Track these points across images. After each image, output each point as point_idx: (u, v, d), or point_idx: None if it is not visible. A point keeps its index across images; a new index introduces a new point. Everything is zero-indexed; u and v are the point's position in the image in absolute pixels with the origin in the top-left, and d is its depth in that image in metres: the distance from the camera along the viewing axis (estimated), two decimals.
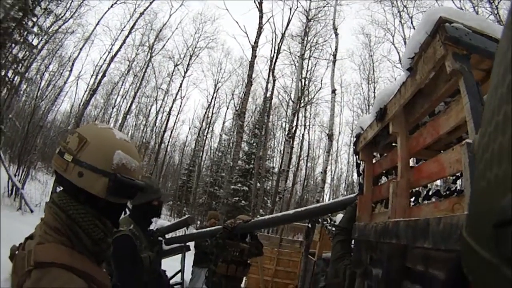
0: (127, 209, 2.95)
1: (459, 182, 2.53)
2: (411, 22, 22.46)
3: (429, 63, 1.78)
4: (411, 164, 2.57)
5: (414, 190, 2.58)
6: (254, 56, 17.09)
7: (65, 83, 26.03)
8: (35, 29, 17.73)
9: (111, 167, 1.17)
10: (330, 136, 14.50)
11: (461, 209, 1.58)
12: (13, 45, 16.32)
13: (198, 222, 25.25)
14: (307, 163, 33.45)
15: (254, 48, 17.23)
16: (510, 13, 0.32)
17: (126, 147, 1.23)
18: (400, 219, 1.99)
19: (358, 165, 3.34)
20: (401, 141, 2.30)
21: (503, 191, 0.28)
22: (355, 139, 3.29)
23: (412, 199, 2.68)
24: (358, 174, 3.33)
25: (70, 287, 1.02)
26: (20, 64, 17.86)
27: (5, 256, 1.27)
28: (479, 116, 1.52)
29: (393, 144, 2.90)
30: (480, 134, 0.34)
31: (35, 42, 19.11)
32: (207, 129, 35.37)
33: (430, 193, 2.77)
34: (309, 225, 8.48)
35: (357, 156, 3.33)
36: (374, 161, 3.20)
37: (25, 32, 16.45)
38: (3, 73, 15.73)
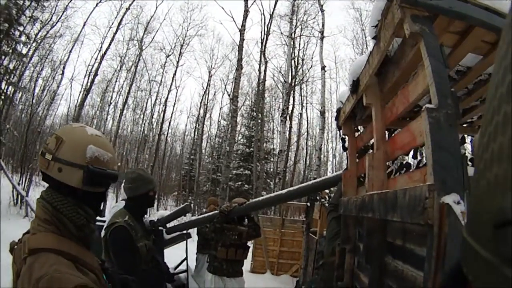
0: (125, 201, 3.01)
1: None
2: None
3: (389, 28, 1.71)
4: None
5: (405, 162, 2.53)
6: (242, 39, 16.77)
7: (58, 86, 25.62)
8: (23, 38, 17.40)
9: (85, 160, 1.30)
10: (322, 113, 14.41)
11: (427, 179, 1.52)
12: (3, 56, 16.18)
13: (204, 209, 25.37)
14: (307, 141, 33.38)
15: (242, 31, 16.89)
16: (510, 13, 0.31)
17: (98, 141, 1.37)
18: (375, 192, 1.94)
19: (343, 140, 3.28)
20: (376, 112, 2.23)
21: (503, 191, 0.28)
22: (336, 113, 3.22)
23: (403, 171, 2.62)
24: (344, 149, 3.27)
25: (57, 268, 1.13)
26: (12, 75, 17.71)
27: (6, 259, 1.45)
28: (443, 79, 1.45)
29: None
30: (480, 134, 0.34)
31: (24, 51, 18.85)
32: (205, 117, 35.25)
33: (421, 165, 2.72)
34: (308, 204, 8.51)
35: (340, 131, 3.27)
36: (356, 135, 3.14)
37: (14, 42, 16.24)
38: None
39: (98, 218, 1.49)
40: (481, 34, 1.78)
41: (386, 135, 2.34)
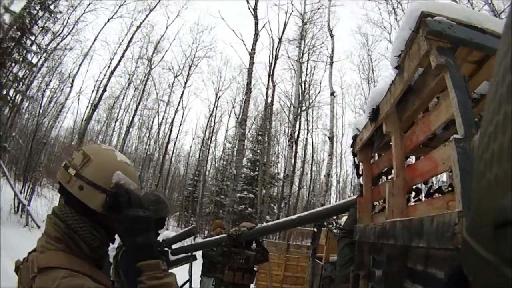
0: None
1: None
2: None
3: (414, 59, 1.76)
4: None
5: (414, 187, 2.55)
6: (252, 63, 17.07)
7: (66, 99, 25.94)
8: (34, 47, 17.80)
9: (109, 185, 1.25)
10: (331, 139, 14.45)
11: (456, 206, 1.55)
12: (13, 64, 16.42)
13: (206, 232, 25.20)
14: (312, 167, 33.32)
15: (251, 55, 17.20)
16: (510, 14, 0.32)
17: (126, 169, 1.32)
18: (396, 219, 1.96)
19: (357, 167, 3.32)
20: (395, 140, 2.27)
21: (503, 191, 0.28)
22: (352, 140, 3.26)
23: (413, 196, 2.64)
24: (358, 176, 3.30)
25: (70, 280, 1.10)
26: (21, 83, 17.92)
27: (6, 266, 1.38)
28: (467, 109, 1.49)
29: (390, 143, 2.87)
30: (480, 134, 0.34)
31: (34, 60, 19.18)
32: (210, 138, 35.37)
33: (432, 190, 2.74)
34: (315, 229, 8.45)
35: (355, 158, 3.31)
36: (371, 162, 3.17)
37: (24, 51, 16.56)
38: (4, 92, 15.83)
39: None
40: None
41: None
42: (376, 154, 3.27)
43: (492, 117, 0.31)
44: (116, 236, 1.40)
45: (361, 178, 3.27)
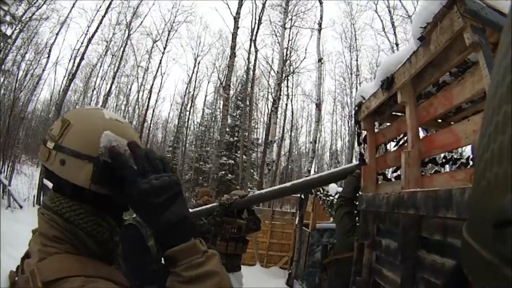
0: None
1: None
2: None
3: (445, 34, 1.76)
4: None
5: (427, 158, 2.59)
6: (236, 27, 16.72)
7: (43, 70, 24.86)
8: (8, 18, 16.78)
9: (98, 150, 0.96)
10: (318, 105, 14.42)
11: None
12: None
13: (194, 201, 25.21)
14: (291, 133, 33.57)
15: (236, 19, 16.82)
16: (510, 14, 0.32)
17: (118, 127, 1.03)
18: (416, 189, 2.00)
19: (359, 135, 3.33)
20: (410, 111, 2.29)
21: (503, 191, 0.28)
22: (356, 108, 3.26)
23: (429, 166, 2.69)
24: (359, 144, 3.32)
25: (92, 285, 0.86)
26: None
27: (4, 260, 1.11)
28: None
29: (397, 113, 2.89)
30: (480, 134, 0.34)
31: (8, 32, 18.26)
32: (189, 104, 35.08)
33: (446, 161, 2.80)
34: (302, 196, 8.58)
35: (357, 126, 3.32)
36: (375, 130, 3.20)
37: None
38: None
39: None
40: None
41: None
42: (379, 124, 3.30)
43: (492, 117, 0.31)
44: None
45: (362, 146, 3.30)
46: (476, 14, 1.60)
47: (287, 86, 28.65)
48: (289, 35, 24.31)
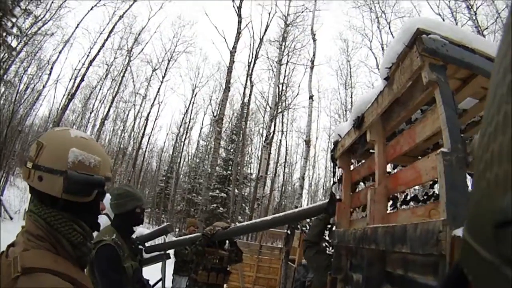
0: (110, 219, 2.89)
1: (436, 186, 2.60)
2: (389, 28, 22.85)
3: (406, 73, 1.83)
4: (388, 170, 2.62)
5: (392, 195, 2.64)
6: (232, 61, 17.04)
7: (44, 86, 25.13)
8: (15, 30, 17.12)
9: (66, 165, 1.17)
10: (307, 142, 14.58)
11: (437, 214, 1.63)
12: None
13: (177, 230, 25.04)
14: (284, 169, 33.62)
15: (232, 53, 17.19)
16: (510, 14, 0.32)
17: (82, 143, 1.23)
18: (378, 225, 2.03)
19: (334, 173, 3.38)
20: (379, 149, 2.35)
21: (503, 191, 0.28)
22: (332, 146, 3.33)
23: (390, 204, 2.74)
24: (338, 181, 3.36)
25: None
26: None
27: None
28: (454, 125, 1.58)
29: (371, 151, 2.95)
30: (480, 134, 0.34)
31: (14, 44, 18.57)
32: (184, 135, 35.25)
33: (408, 198, 2.84)
34: (289, 232, 8.52)
35: (333, 163, 3.38)
36: (351, 168, 3.25)
37: (4, 33, 15.88)
38: None
39: None
40: (482, 81, 1.92)
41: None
42: (355, 161, 3.35)
43: (492, 117, 0.31)
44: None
45: (335, 184, 3.34)
46: (434, 52, 1.67)
47: (282, 122, 28.93)
48: (285, 70, 24.82)
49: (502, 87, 0.30)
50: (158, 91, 30.77)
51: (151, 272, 4.98)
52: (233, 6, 19.36)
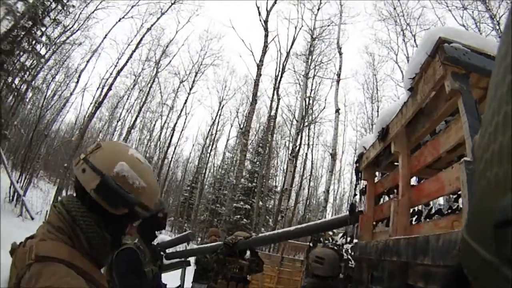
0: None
1: (460, 200, 2.54)
2: (414, 40, 22.39)
3: (429, 83, 1.82)
4: (412, 182, 2.58)
5: (416, 209, 2.59)
6: (259, 74, 17.14)
7: (71, 94, 25.89)
8: (44, 38, 17.73)
9: (109, 172, 1.21)
10: (333, 156, 14.50)
11: (461, 225, 1.60)
12: (21, 53, 16.35)
13: (199, 239, 25.10)
14: (310, 182, 33.35)
15: (259, 66, 17.31)
16: (510, 14, 0.32)
17: (134, 163, 1.27)
18: (400, 237, 2.01)
19: (356, 185, 3.36)
20: (403, 160, 2.33)
21: (503, 191, 0.28)
22: (357, 158, 3.31)
23: (414, 218, 2.69)
24: (361, 193, 3.33)
25: (68, 281, 1.04)
26: (27, 72, 17.80)
27: (5, 259, 1.30)
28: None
29: (395, 163, 2.92)
30: (480, 134, 0.34)
31: (42, 52, 19.13)
32: (210, 146, 35.50)
33: (432, 212, 2.78)
34: (311, 244, 8.45)
35: (358, 175, 3.35)
36: (375, 180, 3.21)
37: (34, 41, 16.43)
38: (10, 80, 15.85)
39: None
40: None
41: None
42: (380, 174, 3.31)
43: (492, 117, 0.31)
44: None
45: (356, 196, 3.30)
46: (457, 60, 1.65)
47: (308, 135, 28.74)
48: (312, 84, 24.67)
49: (502, 87, 0.30)
50: (185, 103, 31.15)
51: (170, 279, 5.02)
52: (260, 20, 19.54)
